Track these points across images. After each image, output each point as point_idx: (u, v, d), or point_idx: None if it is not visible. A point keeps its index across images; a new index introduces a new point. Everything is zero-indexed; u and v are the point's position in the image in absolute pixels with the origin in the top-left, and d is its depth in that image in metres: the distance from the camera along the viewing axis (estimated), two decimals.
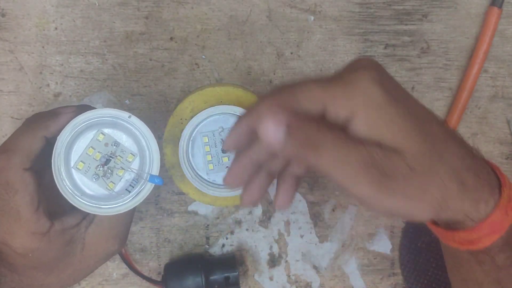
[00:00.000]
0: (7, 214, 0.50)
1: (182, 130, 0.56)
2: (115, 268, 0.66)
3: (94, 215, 0.54)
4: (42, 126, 0.51)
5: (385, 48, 0.66)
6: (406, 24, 0.66)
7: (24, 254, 0.51)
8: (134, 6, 0.64)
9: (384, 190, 0.40)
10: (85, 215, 0.54)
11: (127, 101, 0.65)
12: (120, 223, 0.55)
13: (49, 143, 0.52)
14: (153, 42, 0.65)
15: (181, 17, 0.65)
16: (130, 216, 0.56)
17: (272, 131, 0.40)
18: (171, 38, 0.65)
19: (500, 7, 0.65)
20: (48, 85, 0.64)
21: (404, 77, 0.67)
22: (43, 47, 0.64)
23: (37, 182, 0.51)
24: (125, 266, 0.65)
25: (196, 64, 0.65)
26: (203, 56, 0.65)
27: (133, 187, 0.52)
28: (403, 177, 0.40)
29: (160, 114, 0.65)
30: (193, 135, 0.57)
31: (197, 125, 0.56)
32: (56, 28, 0.64)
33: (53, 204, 0.52)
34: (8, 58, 0.64)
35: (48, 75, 0.64)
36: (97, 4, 0.64)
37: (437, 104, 0.67)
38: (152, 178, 0.52)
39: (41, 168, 0.52)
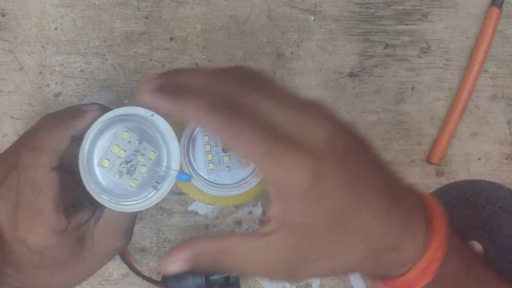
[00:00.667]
0: (29, 212, 0.50)
1: (183, 130, 0.56)
2: (115, 268, 0.66)
3: (101, 212, 0.54)
4: (69, 125, 0.51)
5: (385, 48, 0.66)
6: (406, 24, 0.66)
7: (40, 252, 0.51)
8: (134, 6, 0.64)
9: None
10: (94, 212, 0.54)
11: (127, 101, 0.65)
12: (126, 218, 0.55)
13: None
14: (153, 42, 0.65)
15: (181, 17, 0.65)
16: (135, 212, 0.56)
17: None
18: (171, 38, 0.65)
19: (500, 7, 0.65)
20: (48, 85, 0.64)
21: (404, 77, 0.67)
22: (43, 47, 0.64)
23: (60, 181, 0.51)
24: (125, 266, 0.65)
25: (196, 64, 0.65)
26: (203, 56, 0.65)
27: (159, 183, 0.53)
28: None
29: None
30: (193, 134, 0.57)
31: (197, 125, 0.56)
32: (56, 28, 0.64)
33: (65, 201, 0.52)
34: (8, 58, 0.64)
35: (48, 75, 0.64)
36: (97, 4, 0.64)
37: (437, 104, 0.67)
38: (180, 175, 0.53)
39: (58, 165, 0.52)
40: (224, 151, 0.57)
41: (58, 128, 0.51)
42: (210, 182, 0.57)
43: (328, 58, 0.66)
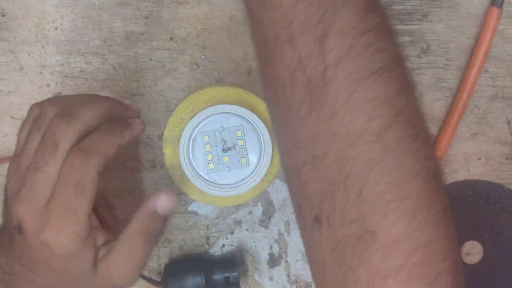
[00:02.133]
0: (62, 211, 0.50)
1: (183, 130, 0.56)
2: None
3: (113, 246, 0.54)
4: (120, 134, 0.53)
5: None
6: (406, 24, 0.66)
7: (60, 256, 0.51)
8: (134, 6, 0.64)
9: None
10: (108, 239, 0.54)
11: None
12: (134, 257, 0.55)
13: None
14: (153, 42, 0.65)
15: (181, 17, 0.65)
16: (141, 255, 0.55)
17: None
18: (171, 38, 0.65)
19: (500, 7, 0.65)
20: (48, 85, 0.64)
21: None
22: (43, 47, 0.64)
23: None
24: None
25: (196, 64, 0.65)
26: (203, 56, 0.65)
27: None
28: None
29: (160, 114, 0.65)
30: (193, 134, 0.57)
31: (197, 125, 0.56)
32: (56, 28, 0.64)
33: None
34: (8, 58, 0.64)
35: (48, 75, 0.64)
36: (97, 4, 0.64)
37: (437, 104, 0.67)
38: None
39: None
40: (224, 151, 0.57)
41: (110, 135, 0.52)
42: (210, 182, 0.58)
43: None
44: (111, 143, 0.52)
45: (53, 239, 0.50)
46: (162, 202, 0.54)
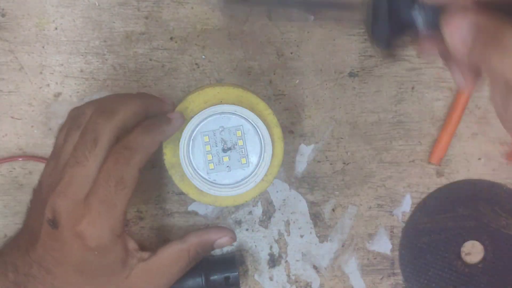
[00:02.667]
0: (101, 206, 0.51)
1: (183, 130, 0.56)
2: None
3: (148, 256, 0.56)
4: (160, 131, 0.55)
5: None
6: None
7: (92, 249, 0.52)
8: (134, 6, 0.64)
9: None
10: (139, 248, 0.57)
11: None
12: (168, 275, 0.58)
13: None
14: (153, 42, 0.65)
15: (181, 17, 0.65)
16: (178, 271, 0.58)
17: (458, 33, 0.37)
18: (171, 38, 0.65)
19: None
20: (48, 85, 0.64)
21: (404, 77, 0.67)
22: (43, 47, 0.64)
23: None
24: None
25: (196, 64, 0.65)
26: (203, 56, 0.65)
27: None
28: None
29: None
30: (193, 134, 0.57)
31: (197, 125, 0.56)
32: (56, 28, 0.64)
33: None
34: (8, 58, 0.64)
35: (48, 75, 0.64)
36: (97, 4, 0.64)
37: (437, 104, 0.67)
38: None
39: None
40: (224, 151, 0.57)
41: (152, 132, 0.54)
42: (210, 182, 0.58)
43: (328, 58, 0.66)
44: (153, 140, 0.54)
45: (89, 231, 0.52)
46: (223, 241, 0.60)
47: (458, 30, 0.37)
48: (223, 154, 0.57)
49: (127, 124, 0.54)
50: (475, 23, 0.36)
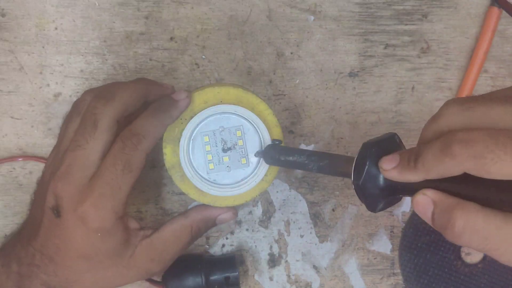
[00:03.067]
0: (107, 188, 0.52)
1: (183, 130, 0.56)
2: None
3: (151, 233, 0.57)
4: (167, 115, 0.56)
5: (385, 48, 0.66)
6: (406, 24, 0.66)
7: (95, 231, 0.53)
8: (134, 6, 0.64)
9: None
10: (144, 227, 0.57)
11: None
12: (171, 250, 0.58)
13: None
14: (153, 42, 0.65)
15: (181, 17, 0.65)
16: (181, 247, 0.59)
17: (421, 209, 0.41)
18: (171, 38, 0.65)
19: (500, 7, 0.65)
20: (48, 85, 0.64)
21: (404, 77, 0.67)
22: (43, 47, 0.64)
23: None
24: None
25: (196, 64, 0.65)
26: (203, 56, 0.65)
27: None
28: None
29: None
30: (193, 134, 0.57)
31: (197, 125, 0.56)
32: (56, 28, 0.64)
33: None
34: (8, 58, 0.64)
35: (48, 75, 0.64)
36: (97, 4, 0.64)
37: (437, 104, 0.67)
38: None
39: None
40: (224, 151, 0.57)
41: (158, 117, 0.55)
42: (210, 182, 0.58)
43: (328, 58, 0.66)
44: (160, 125, 0.55)
45: (92, 213, 0.52)
46: (225, 216, 0.60)
47: (420, 207, 0.41)
48: (223, 154, 0.57)
49: (127, 108, 0.54)
50: (433, 201, 0.40)
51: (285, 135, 0.66)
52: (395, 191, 0.45)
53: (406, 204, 0.68)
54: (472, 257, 0.68)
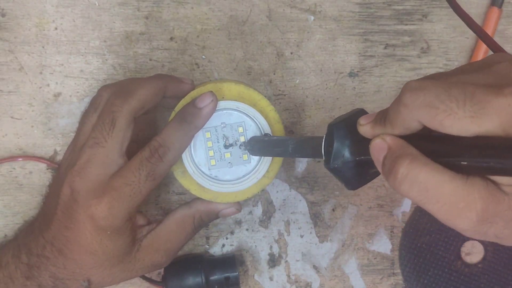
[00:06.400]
0: (128, 190, 0.53)
1: None
2: None
3: (156, 225, 0.58)
4: (192, 126, 0.55)
5: (385, 48, 0.67)
6: (406, 24, 0.66)
7: (105, 230, 0.53)
8: (134, 6, 0.64)
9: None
10: (149, 221, 0.58)
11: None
12: (175, 240, 0.59)
13: None
14: (153, 42, 0.65)
15: (181, 17, 0.65)
16: (185, 236, 0.59)
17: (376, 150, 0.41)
18: (171, 38, 0.65)
19: (500, 7, 0.65)
20: (48, 85, 0.64)
21: (404, 77, 0.67)
22: (43, 47, 0.64)
23: (132, 135, 0.55)
24: None
25: (196, 64, 0.65)
26: (203, 56, 0.65)
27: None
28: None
29: (160, 113, 0.65)
30: None
31: None
32: (56, 28, 0.64)
33: None
34: (8, 58, 0.64)
35: (48, 75, 0.64)
36: (97, 4, 0.64)
37: None
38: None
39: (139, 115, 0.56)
40: (226, 147, 0.57)
41: (185, 129, 0.55)
42: (212, 178, 0.58)
43: (328, 58, 0.66)
44: (185, 137, 0.55)
45: (105, 211, 0.53)
46: (229, 211, 0.60)
47: (375, 151, 0.41)
48: (225, 150, 0.57)
49: (144, 106, 0.55)
50: (389, 147, 0.40)
51: (286, 134, 0.66)
52: (368, 166, 0.45)
53: (406, 204, 0.68)
54: (472, 257, 0.68)
